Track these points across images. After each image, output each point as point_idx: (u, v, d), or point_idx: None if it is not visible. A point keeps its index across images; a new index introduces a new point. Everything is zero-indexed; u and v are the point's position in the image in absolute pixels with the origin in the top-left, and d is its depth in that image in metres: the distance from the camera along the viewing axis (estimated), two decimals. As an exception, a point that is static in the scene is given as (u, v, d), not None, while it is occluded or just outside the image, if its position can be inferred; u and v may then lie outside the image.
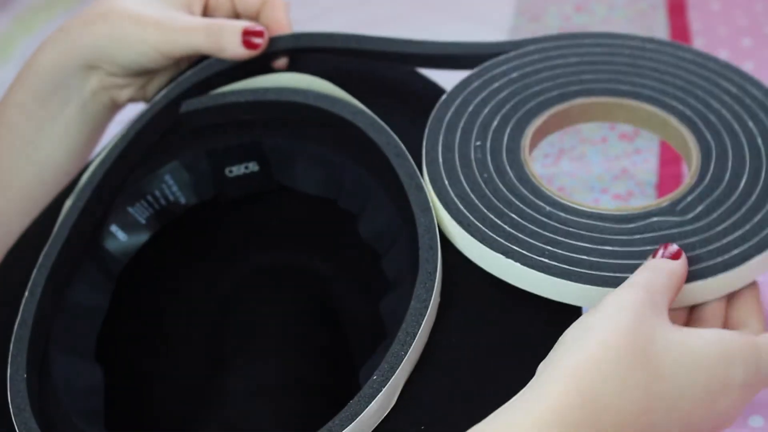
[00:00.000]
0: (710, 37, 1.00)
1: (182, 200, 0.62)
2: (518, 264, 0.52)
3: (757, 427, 0.58)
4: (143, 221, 0.61)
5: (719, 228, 0.54)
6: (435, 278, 0.52)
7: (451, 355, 0.52)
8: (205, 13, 0.67)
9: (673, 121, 0.60)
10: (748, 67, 0.95)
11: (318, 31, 0.64)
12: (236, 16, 0.67)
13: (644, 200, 0.81)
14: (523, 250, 0.53)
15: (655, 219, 0.55)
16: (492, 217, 0.54)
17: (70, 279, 0.59)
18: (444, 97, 0.60)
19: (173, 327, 0.68)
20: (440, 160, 0.57)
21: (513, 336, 0.53)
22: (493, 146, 0.58)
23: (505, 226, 0.54)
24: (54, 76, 0.64)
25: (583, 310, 0.53)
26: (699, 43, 0.99)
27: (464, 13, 1.14)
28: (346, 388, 0.64)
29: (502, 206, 0.55)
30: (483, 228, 0.54)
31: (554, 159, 0.88)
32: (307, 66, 0.64)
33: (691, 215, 0.55)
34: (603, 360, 0.44)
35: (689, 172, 0.58)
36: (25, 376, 0.54)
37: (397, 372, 0.49)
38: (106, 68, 0.64)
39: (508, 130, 0.59)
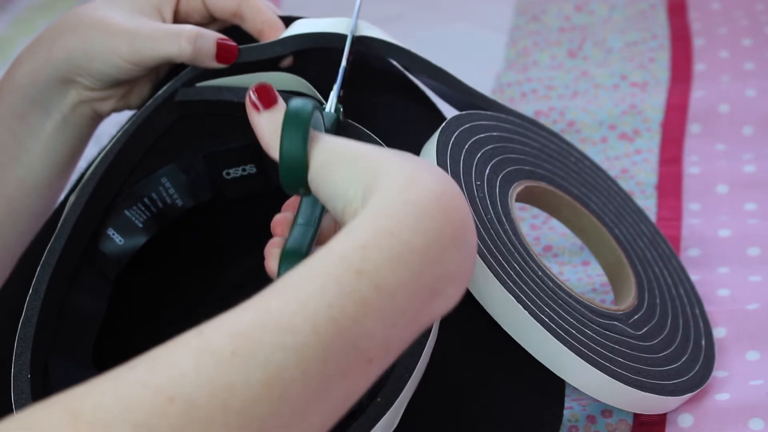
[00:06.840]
0: (710, 37, 1.00)
1: (179, 203, 0.62)
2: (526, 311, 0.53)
3: (758, 430, 0.58)
4: (140, 224, 0.61)
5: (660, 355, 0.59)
6: None
7: (454, 376, 0.52)
8: (178, 19, 0.65)
9: (612, 241, 0.64)
10: (748, 67, 0.94)
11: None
12: (211, 20, 0.66)
13: (644, 200, 0.81)
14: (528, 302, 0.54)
15: (617, 324, 0.58)
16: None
17: (72, 278, 0.59)
18: (442, 126, 0.60)
19: (170, 331, 0.68)
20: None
21: (515, 358, 0.53)
22: (489, 192, 0.59)
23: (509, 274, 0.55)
24: (30, 92, 0.63)
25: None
26: (699, 43, 0.99)
27: (464, 13, 1.14)
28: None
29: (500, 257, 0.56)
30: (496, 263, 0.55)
31: (554, 160, 0.88)
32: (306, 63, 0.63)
33: (640, 333, 0.59)
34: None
35: (629, 293, 0.62)
36: (29, 376, 0.53)
37: (401, 395, 0.49)
38: (82, 81, 0.63)
39: (498, 182, 0.60)
